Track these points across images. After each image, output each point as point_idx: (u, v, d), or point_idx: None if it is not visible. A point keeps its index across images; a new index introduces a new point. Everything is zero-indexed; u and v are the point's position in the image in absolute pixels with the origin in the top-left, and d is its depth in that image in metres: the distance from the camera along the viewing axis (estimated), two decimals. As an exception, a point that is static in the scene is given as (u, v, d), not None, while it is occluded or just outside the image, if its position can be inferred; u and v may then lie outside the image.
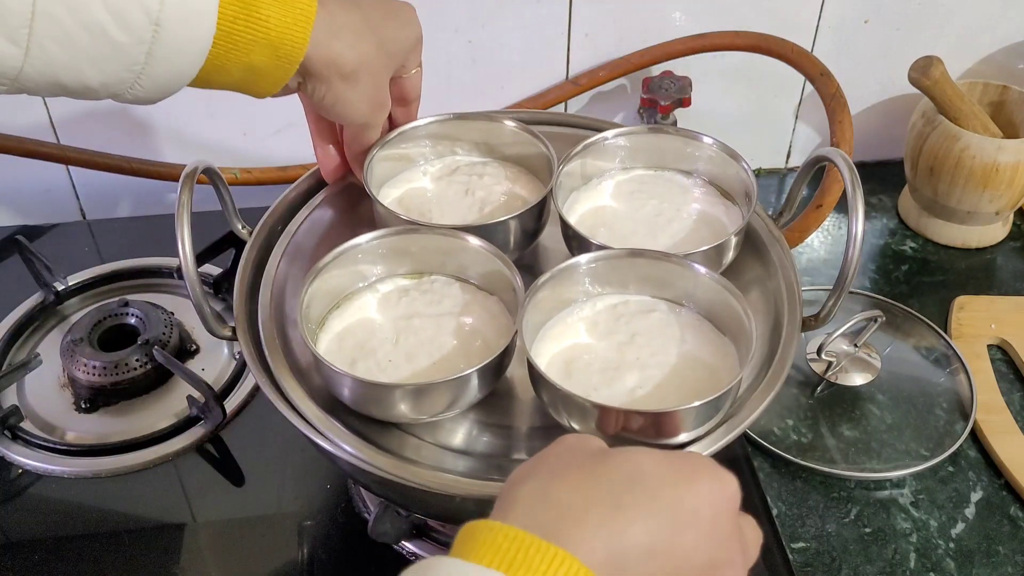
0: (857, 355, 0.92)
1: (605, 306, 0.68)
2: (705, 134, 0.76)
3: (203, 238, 0.91)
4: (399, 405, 0.61)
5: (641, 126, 0.77)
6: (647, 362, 0.63)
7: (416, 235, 0.69)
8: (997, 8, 1.09)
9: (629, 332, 0.65)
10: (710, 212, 0.75)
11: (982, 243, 1.08)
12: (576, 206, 0.75)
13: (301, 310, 0.63)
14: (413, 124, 0.77)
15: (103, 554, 0.77)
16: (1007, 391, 0.91)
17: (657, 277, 0.67)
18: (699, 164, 0.77)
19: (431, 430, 0.66)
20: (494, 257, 0.67)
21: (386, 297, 0.69)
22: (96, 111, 1.03)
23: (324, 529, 0.79)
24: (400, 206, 0.75)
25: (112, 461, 0.83)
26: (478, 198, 0.75)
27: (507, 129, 0.77)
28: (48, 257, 0.98)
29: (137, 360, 0.88)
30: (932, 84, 0.99)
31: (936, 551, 0.79)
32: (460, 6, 1.01)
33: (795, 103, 1.15)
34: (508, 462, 0.64)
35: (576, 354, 0.65)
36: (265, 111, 1.06)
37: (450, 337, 0.66)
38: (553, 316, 0.67)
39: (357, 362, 0.64)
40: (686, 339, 0.65)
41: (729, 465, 0.48)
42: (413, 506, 0.69)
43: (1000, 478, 0.84)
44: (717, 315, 0.66)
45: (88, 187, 1.10)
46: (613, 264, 0.67)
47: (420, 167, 0.79)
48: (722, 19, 1.06)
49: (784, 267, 0.72)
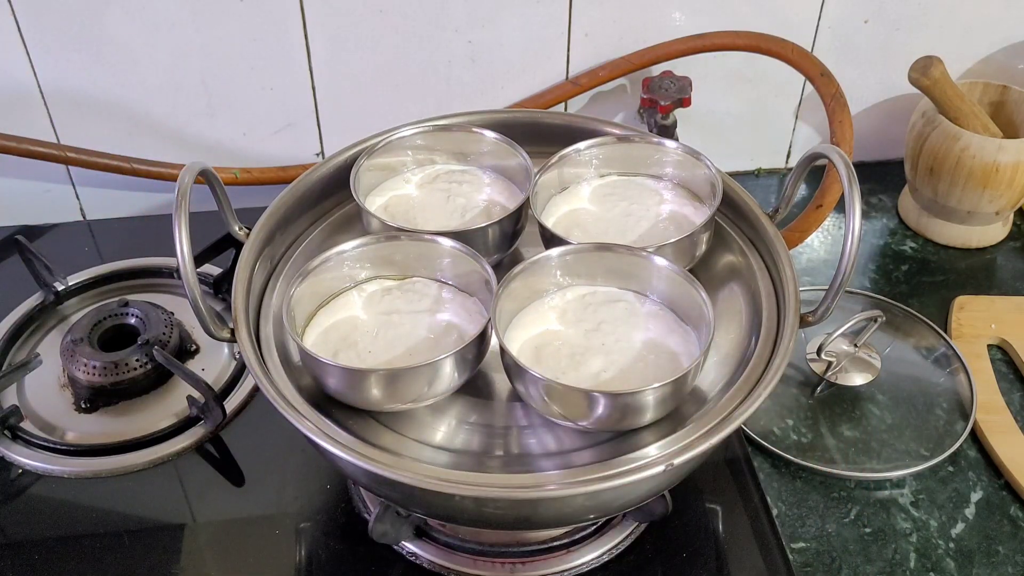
0: (857, 355, 0.92)
1: (575, 296, 0.72)
2: (669, 140, 0.81)
3: (203, 238, 0.91)
4: (374, 390, 0.64)
5: (609, 136, 0.82)
6: (612, 348, 0.68)
7: (399, 240, 0.73)
8: (997, 8, 1.09)
9: (596, 320, 0.70)
10: (678, 211, 0.79)
11: (982, 243, 1.08)
12: (553, 210, 0.80)
13: (286, 309, 0.67)
14: (398, 135, 0.82)
15: (103, 554, 0.77)
16: (1007, 391, 0.90)
17: (623, 270, 0.71)
18: (668, 168, 0.81)
19: (430, 431, 0.67)
20: (472, 260, 0.71)
21: (370, 296, 0.73)
22: (96, 111, 1.03)
23: (324, 529, 0.79)
24: (386, 212, 0.79)
25: (112, 461, 0.83)
26: (459, 204, 0.80)
27: (486, 139, 0.82)
28: (48, 257, 0.98)
29: (137, 360, 0.88)
30: (932, 84, 0.99)
31: (936, 551, 0.79)
32: (460, 6, 1.01)
33: (795, 103, 1.15)
34: (509, 461, 0.65)
35: (546, 340, 0.68)
36: (265, 111, 1.07)
37: (427, 331, 0.69)
38: (526, 305, 0.71)
39: (339, 353, 0.68)
40: (649, 327, 0.69)
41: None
42: (413, 505, 0.69)
43: (1000, 478, 0.84)
44: (679, 305, 0.70)
45: (88, 187, 1.11)
46: (582, 257, 0.71)
47: (403, 175, 0.83)
48: (722, 19, 1.06)
49: (780, 264, 0.73)
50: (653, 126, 1.05)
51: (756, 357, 0.68)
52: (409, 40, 1.03)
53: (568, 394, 0.62)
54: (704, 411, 0.66)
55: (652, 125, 1.05)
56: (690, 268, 0.73)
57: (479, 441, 0.66)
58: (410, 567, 0.76)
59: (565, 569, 0.75)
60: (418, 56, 1.04)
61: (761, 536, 0.77)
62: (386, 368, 0.66)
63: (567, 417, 0.64)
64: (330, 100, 1.06)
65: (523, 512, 0.64)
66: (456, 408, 0.69)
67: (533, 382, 0.62)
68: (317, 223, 0.82)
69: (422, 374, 0.63)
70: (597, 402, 0.62)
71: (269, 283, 0.76)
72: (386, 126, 0.83)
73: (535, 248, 0.75)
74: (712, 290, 0.74)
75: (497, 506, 0.62)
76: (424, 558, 0.75)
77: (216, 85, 1.04)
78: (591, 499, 0.63)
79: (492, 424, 0.68)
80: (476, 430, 0.67)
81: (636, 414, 0.63)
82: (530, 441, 0.66)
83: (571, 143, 0.80)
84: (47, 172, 1.08)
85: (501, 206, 0.80)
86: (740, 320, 0.73)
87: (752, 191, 0.81)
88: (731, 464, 0.82)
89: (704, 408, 0.66)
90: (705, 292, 0.67)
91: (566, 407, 0.63)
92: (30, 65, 1.00)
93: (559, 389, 0.62)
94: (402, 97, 1.07)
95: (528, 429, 0.67)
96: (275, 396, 0.64)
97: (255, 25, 1.00)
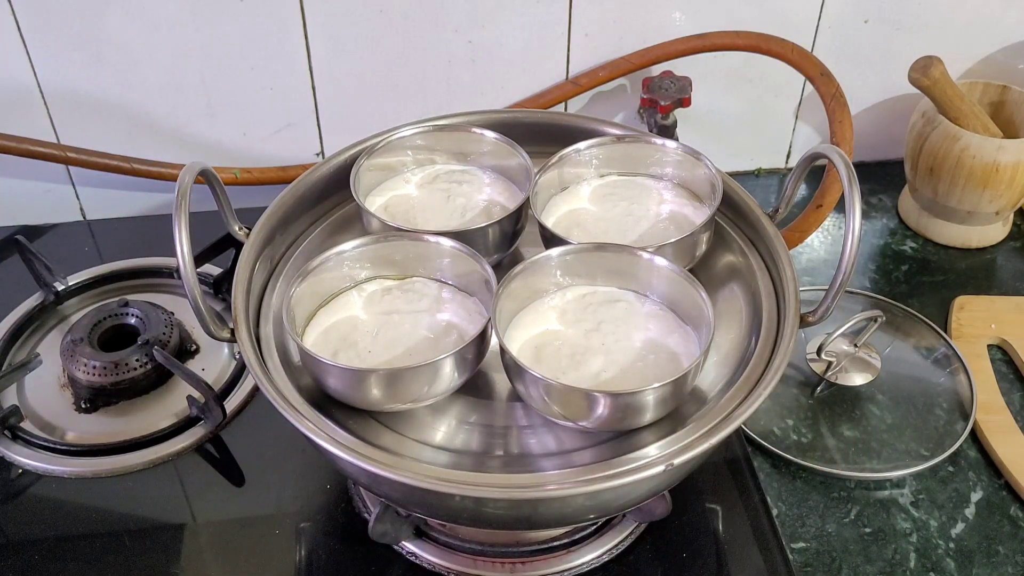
0: (857, 355, 0.92)
1: (575, 296, 0.72)
2: (669, 140, 0.81)
3: (204, 238, 0.91)
4: (374, 390, 0.64)
5: (609, 136, 0.82)
6: (612, 348, 0.68)
7: (399, 240, 0.73)
8: (997, 8, 1.09)
9: (596, 320, 0.70)
10: (678, 211, 0.79)
11: (982, 243, 1.08)
12: (553, 210, 0.80)
13: (286, 309, 0.67)
14: (398, 135, 0.81)
15: (103, 554, 0.77)
16: (1007, 391, 0.90)
17: (623, 270, 0.71)
18: (668, 168, 0.81)
19: (430, 431, 0.67)
20: (472, 260, 0.71)
21: (370, 296, 0.73)
22: (96, 111, 1.03)
23: (324, 529, 0.79)
24: (386, 212, 0.79)
25: (112, 461, 0.83)
26: (459, 204, 0.80)
27: (486, 139, 0.82)
28: (48, 257, 0.98)
29: (137, 360, 0.88)
30: (932, 84, 0.99)
31: (936, 551, 0.79)
32: (460, 6, 1.01)
33: (795, 103, 1.15)
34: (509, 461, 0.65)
35: (546, 340, 0.69)
36: (265, 111, 1.07)
37: (427, 331, 0.69)
38: (526, 305, 0.71)
39: (339, 353, 0.68)
40: (649, 327, 0.69)
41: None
42: (413, 505, 0.69)
43: (1000, 478, 0.84)
44: (679, 305, 0.70)
45: (88, 187, 1.11)
46: (582, 257, 0.71)
47: (403, 175, 0.83)
48: (722, 19, 1.06)
49: (780, 264, 0.73)
50: (653, 126, 1.05)
51: (756, 357, 0.68)
52: (409, 40, 1.03)
53: (568, 394, 0.62)
54: (704, 411, 0.66)
55: (652, 125, 1.05)
56: (690, 268, 0.73)
57: (479, 441, 0.66)
58: (410, 567, 0.76)
59: (565, 569, 0.75)
60: (418, 56, 1.04)
61: (761, 536, 0.77)
62: (386, 368, 0.66)
63: (567, 417, 0.64)
64: (330, 100, 1.06)
65: (523, 512, 0.64)
66: (456, 408, 0.69)
67: (533, 382, 0.62)
68: (317, 223, 0.82)
69: (422, 374, 0.63)
70: (597, 402, 0.62)
71: (269, 283, 0.76)
72: (386, 126, 0.83)
73: (535, 248, 0.75)
74: (712, 290, 0.74)
75: (497, 506, 0.62)
76: (424, 558, 0.75)
77: (216, 85, 1.04)
78: (591, 499, 0.63)
79: (492, 424, 0.68)
80: (476, 430, 0.67)
81: (636, 414, 0.63)
82: (530, 441, 0.66)
83: (571, 143, 0.80)
84: (47, 172, 1.08)
85: (501, 206, 0.80)
86: (740, 320, 0.73)
87: (752, 191, 0.81)
88: (731, 464, 0.82)
89: (704, 408, 0.66)
90: (705, 292, 0.67)
91: (566, 407, 0.63)
92: (30, 65, 1.00)
93: (559, 389, 0.62)
94: (402, 97, 1.07)
95: (528, 429, 0.67)
96: (275, 396, 0.64)
97: (255, 25, 1.00)
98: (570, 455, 0.65)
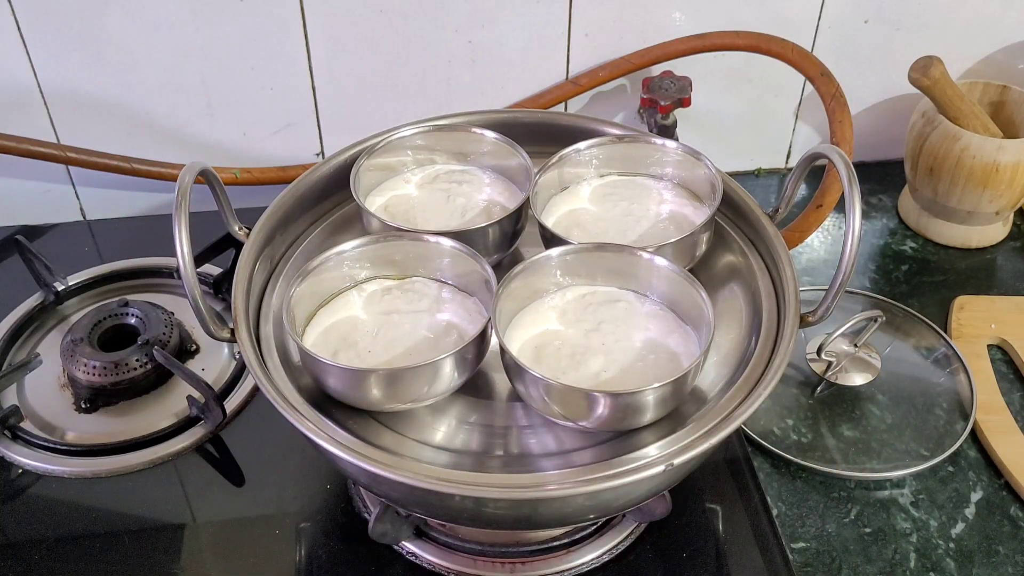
0: (857, 355, 0.92)
1: (574, 296, 0.72)
2: (669, 140, 0.81)
3: (204, 238, 0.91)
4: (374, 390, 0.64)
5: (609, 136, 0.82)
6: (612, 348, 0.68)
7: (399, 240, 0.73)
8: (997, 8, 1.09)
9: (596, 320, 0.70)
10: (678, 211, 0.79)
11: (982, 243, 1.08)
12: (554, 210, 0.80)
13: (286, 309, 0.67)
14: (398, 135, 0.81)
15: (103, 554, 0.77)
16: (1007, 391, 0.90)
17: (623, 270, 0.71)
18: (668, 168, 0.81)
19: (430, 431, 0.67)
20: (471, 260, 0.71)
21: (370, 296, 0.73)
22: (96, 111, 1.03)
23: (324, 529, 0.79)
24: (386, 212, 0.79)
25: (112, 461, 0.83)
26: (459, 204, 0.80)
27: (486, 139, 0.82)
28: (48, 257, 0.98)
29: (137, 360, 0.88)
30: (932, 84, 0.99)
31: (936, 551, 0.79)
32: (460, 6, 1.01)
33: (795, 103, 1.15)
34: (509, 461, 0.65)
35: (546, 340, 0.69)
36: (265, 111, 1.07)
37: (427, 331, 0.69)
38: (526, 305, 0.71)
39: (339, 353, 0.68)
40: (649, 327, 0.69)
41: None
42: (413, 505, 0.69)
43: (1000, 478, 0.84)
44: (679, 305, 0.70)
45: (88, 187, 1.11)
46: (582, 257, 0.71)
47: (403, 175, 0.83)
48: (722, 19, 1.06)
49: (780, 264, 0.73)
50: (653, 126, 1.05)
51: (756, 357, 0.68)
52: (409, 40, 1.03)
53: (568, 394, 0.62)
54: (704, 411, 0.66)
55: (652, 125, 1.05)
56: (690, 268, 0.73)
57: (479, 441, 0.66)
58: (410, 567, 0.76)
59: (565, 569, 0.75)
60: (418, 56, 1.04)
61: (761, 536, 0.78)
62: (386, 368, 0.66)
63: (567, 417, 0.64)
64: (330, 100, 1.06)
65: (523, 512, 0.64)
66: (456, 408, 0.69)
67: (533, 382, 0.62)
68: (317, 223, 0.82)
69: (422, 374, 0.63)
70: (597, 402, 0.62)
71: (269, 283, 0.76)
72: (386, 126, 0.83)
73: (535, 248, 0.75)
74: (712, 290, 0.74)
75: (497, 506, 0.62)
76: (424, 558, 0.75)
77: (216, 85, 1.04)
78: (591, 499, 0.63)
79: (492, 424, 0.68)
80: (476, 430, 0.67)
81: (636, 414, 0.63)
82: (530, 441, 0.66)
83: (571, 143, 0.80)
84: (47, 172, 1.08)
85: (501, 206, 0.80)
86: (740, 320, 0.73)
87: (752, 191, 0.81)
88: (731, 464, 0.82)
89: (704, 408, 0.66)
90: (705, 292, 0.67)
91: (566, 407, 0.63)
92: (30, 65, 1.00)
93: (559, 389, 0.62)
94: (402, 97, 1.07)
95: (528, 429, 0.67)
96: (275, 396, 0.64)
97: (255, 25, 1.00)
98: (570, 455, 0.65)
